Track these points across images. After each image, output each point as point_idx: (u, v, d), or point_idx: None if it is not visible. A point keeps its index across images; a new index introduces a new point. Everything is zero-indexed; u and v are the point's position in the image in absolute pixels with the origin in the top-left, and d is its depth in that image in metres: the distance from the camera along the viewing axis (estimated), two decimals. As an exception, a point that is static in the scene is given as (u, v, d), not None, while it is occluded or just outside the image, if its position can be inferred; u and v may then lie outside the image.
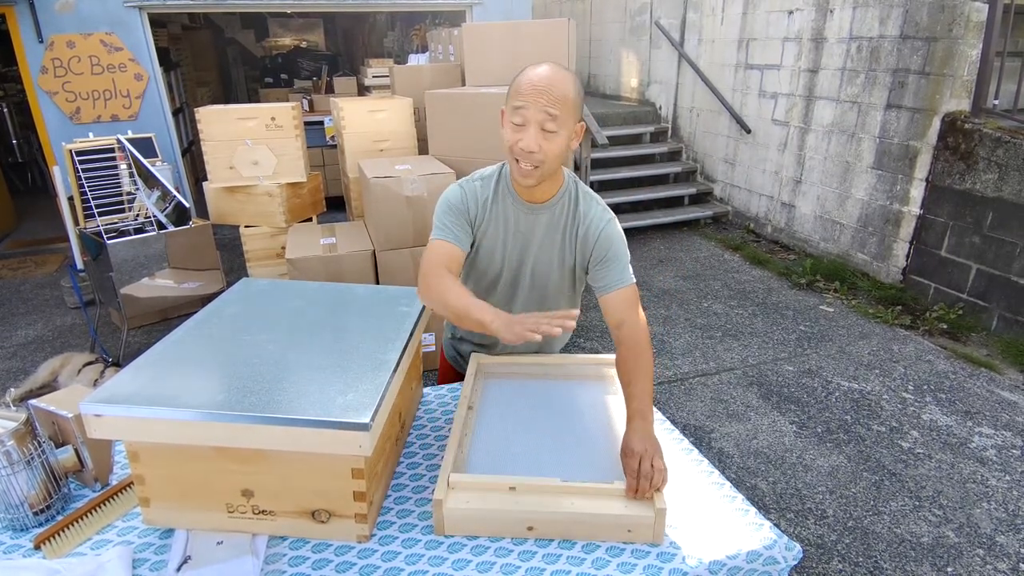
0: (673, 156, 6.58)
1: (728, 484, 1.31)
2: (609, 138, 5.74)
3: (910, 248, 4.29)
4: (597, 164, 6.02)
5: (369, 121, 3.77)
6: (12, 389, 2.96)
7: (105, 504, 1.24)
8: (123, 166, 3.63)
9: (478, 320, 1.19)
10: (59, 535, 1.16)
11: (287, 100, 6.67)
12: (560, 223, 1.50)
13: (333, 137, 6.05)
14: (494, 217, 1.48)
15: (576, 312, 1.13)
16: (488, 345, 1.72)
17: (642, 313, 1.43)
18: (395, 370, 1.20)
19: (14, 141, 7.36)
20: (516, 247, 1.51)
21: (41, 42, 4.86)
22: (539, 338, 1.07)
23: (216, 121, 3.57)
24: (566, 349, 1.87)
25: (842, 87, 4.65)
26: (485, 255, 1.52)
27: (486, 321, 1.17)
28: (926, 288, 4.19)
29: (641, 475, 1.11)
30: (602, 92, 8.00)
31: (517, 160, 1.35)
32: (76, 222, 3.97)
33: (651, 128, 6.67)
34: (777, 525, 2.34)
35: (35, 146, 7.09)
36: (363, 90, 6.75)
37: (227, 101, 8.97)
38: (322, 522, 1.15)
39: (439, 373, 1.97)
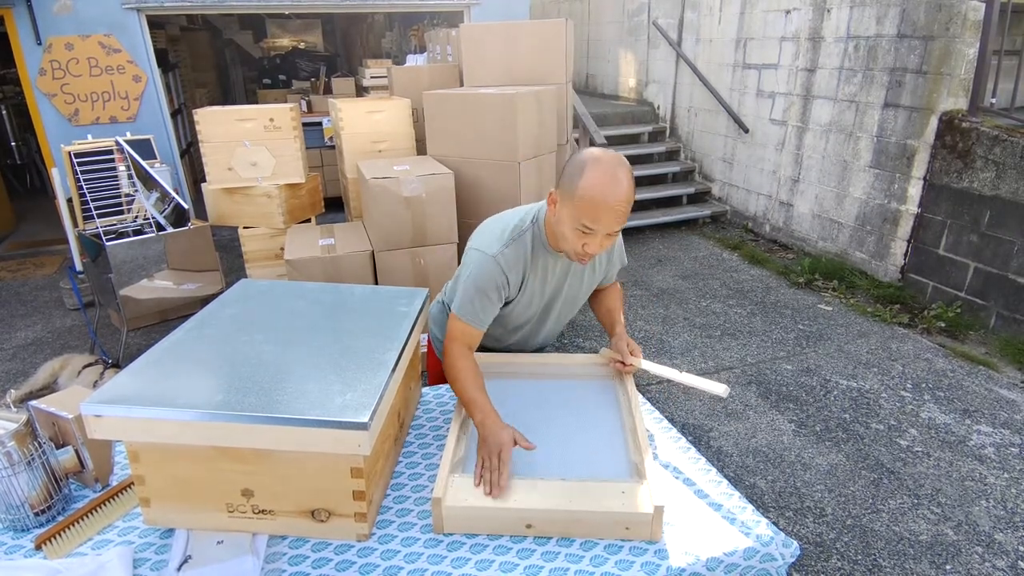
0: (671, 156, 6.58)
1: (725, 482, 1.32)
2: (607, 138, 5.74)
3: (908, 247, 4.30)
4: (595, 164, 6.01)
5: (367, 122, 3.77)
6: (12, 391, 2.96)
7: (105, 504, 1.25)
8: (122, 168, 3.62)
9: (472, 416, 1.35)
10: (60, 535, 1.16)
11: (285, 101, 6.68)
12: None
13: (331, 138, 6.06)
14: (536, 274, 1.51)
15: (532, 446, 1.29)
16: (489, 348, 1.72)
17: None
18: (393, 370, 1.21)
19: (13, 143, 7.35)
20: (551, 289, 1.57)
21: (39, 44, 4.86)
22: (494, 492, 1.19)
23: (214, 122, 3.57)
24: (565, 349, 1.88)
25: (840, 86, 4.66)
26: (524, 303, 1.55)
27: (476, 422, 1.33)
28: (924, 286, 4.19)
29: (631, 352, 1.56)
30: (600, 92, 8.01)
31: (577, 256, 1.39)
32: (75, 224, 3.97)
33: (649, 128, 6.67)
34: (776, 523, 2.35)
35: (34, 148, 7.09)
36: (361, 91, 6.75)
37: (225, 102, 8.96)
38: (322, 521, 1.15)
39: (429, 373, 1.95)
